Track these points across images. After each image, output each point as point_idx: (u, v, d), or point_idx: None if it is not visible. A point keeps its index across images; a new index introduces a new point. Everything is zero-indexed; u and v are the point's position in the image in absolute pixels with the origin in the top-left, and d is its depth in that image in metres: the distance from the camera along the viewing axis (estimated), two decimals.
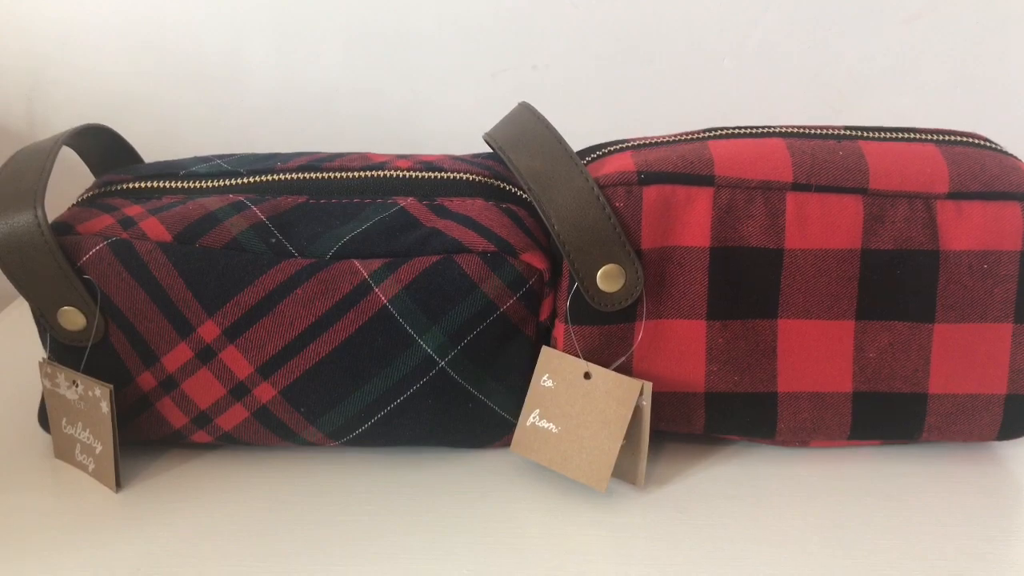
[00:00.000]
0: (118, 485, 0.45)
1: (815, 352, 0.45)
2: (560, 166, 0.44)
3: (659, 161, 0.44)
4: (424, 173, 0.48)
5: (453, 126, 0.68)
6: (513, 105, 0.49)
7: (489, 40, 0.67)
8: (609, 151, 0.47)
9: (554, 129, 0.45)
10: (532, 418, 0.45)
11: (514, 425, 0.46)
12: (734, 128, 0.47)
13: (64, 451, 0.47)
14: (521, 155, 0.45)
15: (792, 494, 0.45)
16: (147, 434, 0.47)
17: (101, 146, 0.53)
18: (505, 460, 0.47)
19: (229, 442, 0.47)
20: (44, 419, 0.48)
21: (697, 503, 0.44)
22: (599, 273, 0.43)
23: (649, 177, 0.43)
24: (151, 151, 0.56)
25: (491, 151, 0.51)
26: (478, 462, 0.47)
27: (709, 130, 0.48)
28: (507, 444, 0.47)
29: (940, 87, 0.68)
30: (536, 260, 0.44)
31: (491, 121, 0.50)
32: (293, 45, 0.67)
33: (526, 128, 0.46)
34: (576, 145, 0.50)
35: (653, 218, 0.43)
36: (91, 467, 0.46)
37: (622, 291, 0.43)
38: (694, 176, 0.44)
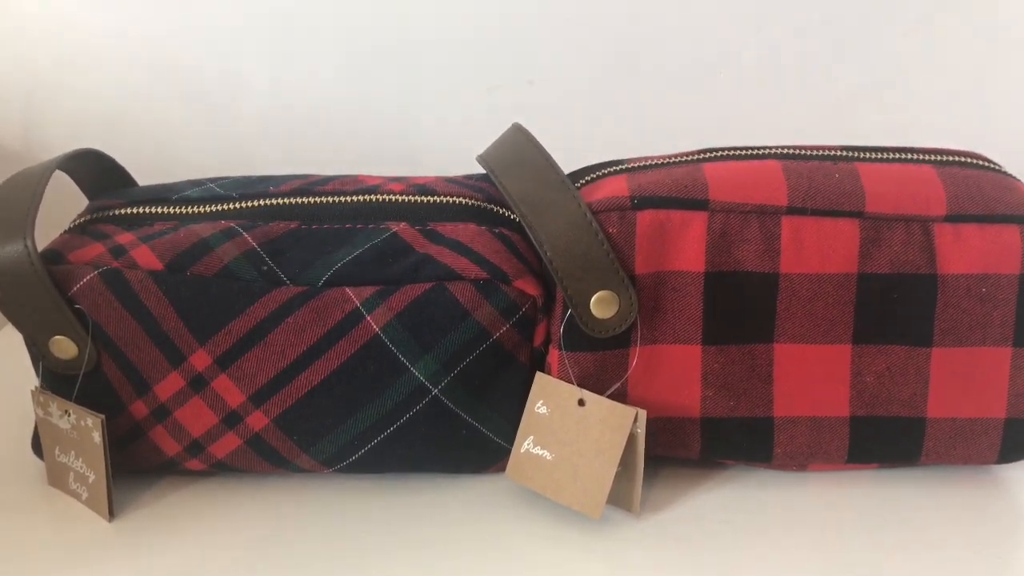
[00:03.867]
0: (111, 514, 0.45)
1: (812, 377, 0.44)
2: (552, 191, 0.43)
3: (653, 185, 0.44)
4: (416, 197, 0.47)
5: (449, 142, 0.68)
6: (510, 120, 0.49)
7: (485, 55, 0.66)
8: (602, 174, 0.47)
9: (546, 153, 0.45)
10: (526, 445, 0.45)
11: (509, 450, 0.46)
12: (729, 150, 0.47)
13: (57, 479, 0.47)
14: (513, 180, 0.44)
15: (789, 520, 0.44)
16: (140, 462, 0.46)
17: (94, 169, 0.52)
18: (500, 485, 0.47)
19: (223, 469, 0.47)
20: (38, 446, 0.47)
21: (693, 530, 0.44)
22: (593, 299, 0.43)
23: (643, 202, 0.43)
24: (146, 168, 0.56)
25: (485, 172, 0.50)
26: (473, 488, 0.47)
27: (704, 151, 0.47)
28: (502, 469, 0.46)
29: (938, 99, 0.68)
30: (529, 286, 0.44)
31: (488, 136, 0.50)
32: (288, 62, 0.67)
33: (519, 152, 0.46)
34: (572, 162, 0.50)
35: (647, 243, 0.43)
36: (84, 496, 0.46)
37: (616, 317, 0.43)
38: (688, 200, 0.43)
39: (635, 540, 0.43)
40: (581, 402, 0.44)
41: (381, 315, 0.43)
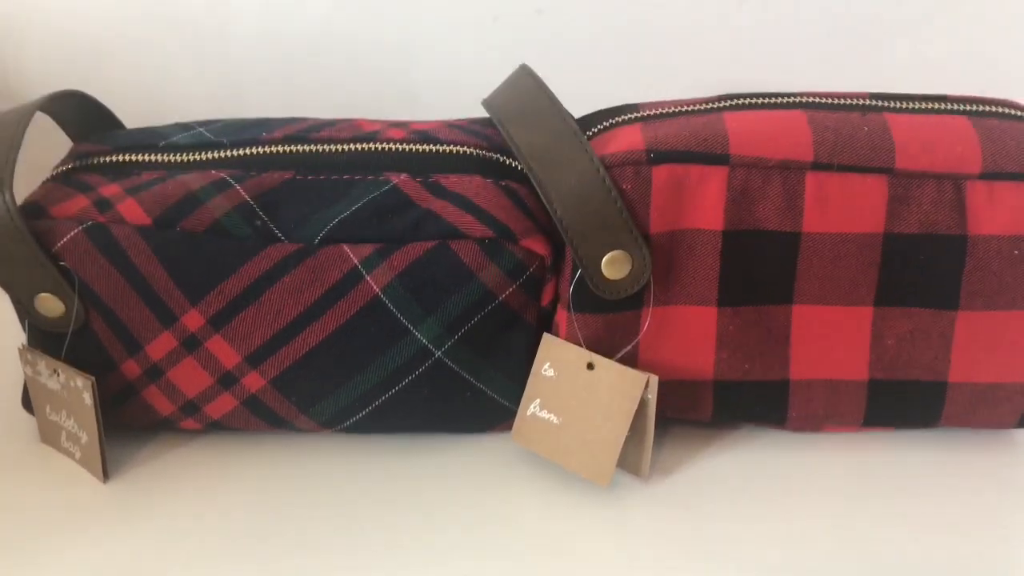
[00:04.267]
0: (105, 475, 0.44)
1: (830, 339, 0.43)
2: (563, 144, 0.41)
3: (670, 137, 0.41)
4: (418, 146, 0.45)
5: (451, 75, 0.64)
6: (515, 53, 0.46)
7: None
8: (615, 123, 0.44)
9: (557, 101, 0.42)
10: (532, 408, 0.43)
11: (514, 411, 0.44)
12: (752, 96, 0.44)
13: (50, 437, 0.46)
14: (521, 130, 0.42)
15: (801, 485, 0.43)
16: (134, 421, 0.45)
17: (78, 111, 0.49)
18: (506, 447, 0.45)
19: (219, 429, 0.46)
20: (28, 402, 0.46)
21: (702, 496, 0.43)
22: (604, 260, 0.40)
23: (659, 156, 0.40)
24: (131, 102, 0.53)
25: None
26: (478, 449, 0.46)
27: (725, 98, 0.44)
28: (508, 428, 0.45)
29: (972, 31, 0.64)
30: (537, 245, 0.42)
31: (491, 70, 0.47)
32: None
33: (527, 98, 0.43)
34: (583, 100, 0.47)
35: (663, 200, 0.41)
36: (78, 455, 0.44)
37: (628, 278, 0.41)
38: (708, 155, 0.40)
39: (643, 506, 0.42)
40: (590, 366, 0.42)
41: (381, 275, 0.41)
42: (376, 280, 0.41)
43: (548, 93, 0.43)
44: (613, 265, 0.41)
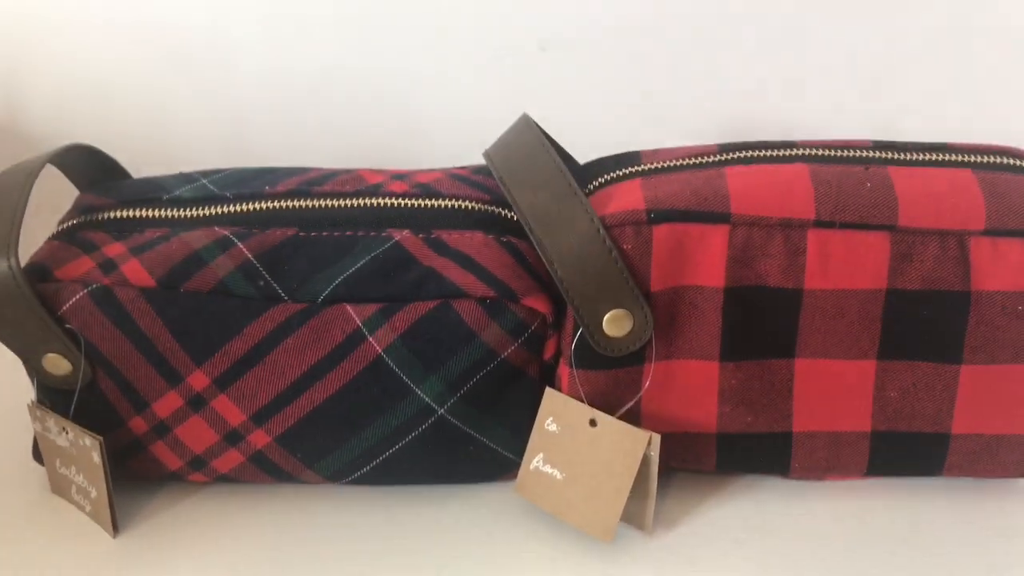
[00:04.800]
0: (116, 530, 0.44)
1: (833, 392, 0.43)
2: (563, 205, 0.41)
3: (671, 196, 0.41)
4: (420, 201, 0.45)
5: (453, 111, 0.64)
6: (517, 90, 0.45)
7: (492, 17, 0.62)
8: (615, 177, 0.44)
9: (556, 157, 0.42)
10: (536, 462, 0.43)
11: (518, 463, 0.44)
12: (753, 149, 0.44)
13: (60, 488, 0.46)
14: (521, 191, 0.42)
15: (806, 535, 0.43)
16: (143, 474, 0.46)
17: (83, 162, 0.50)
18: (509, 498, 0.46)
19: (227, 481, 0.46)
20: (38, 454, 0.46)
21: (708, 549, 0.43)
22: (605, 318, 0.41)
23: (660, 215, 0.40)
24: (135, 138, 0.53)
25: None
26: (482, 501, 0.46)
27: (728, 148, 0.44)
28: (513, 477, 0.45)
29: (983, 63, 0.63)
30: (539, 303, 0.42)
31: (495, 107, 0.47)
32: (281, 24, 0.63)
33: (527, 154, 0.43)
34: (585, 140, 0.47)
35: (664, 258, 0.41)
36: (88, 508, 0.45)
37: (629, 336, 0.41)
38: (709, 214, 0.40)
39: (647, 561, 0.42)
40: (593, 422, 0.42)
41: (384, 335, 0.41)
42: (379, 341, 0.41)
43: (548, 149, 0.43)
44: (614, 323, 0.41)
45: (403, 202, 0.45)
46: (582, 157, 0.47)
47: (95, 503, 0.44)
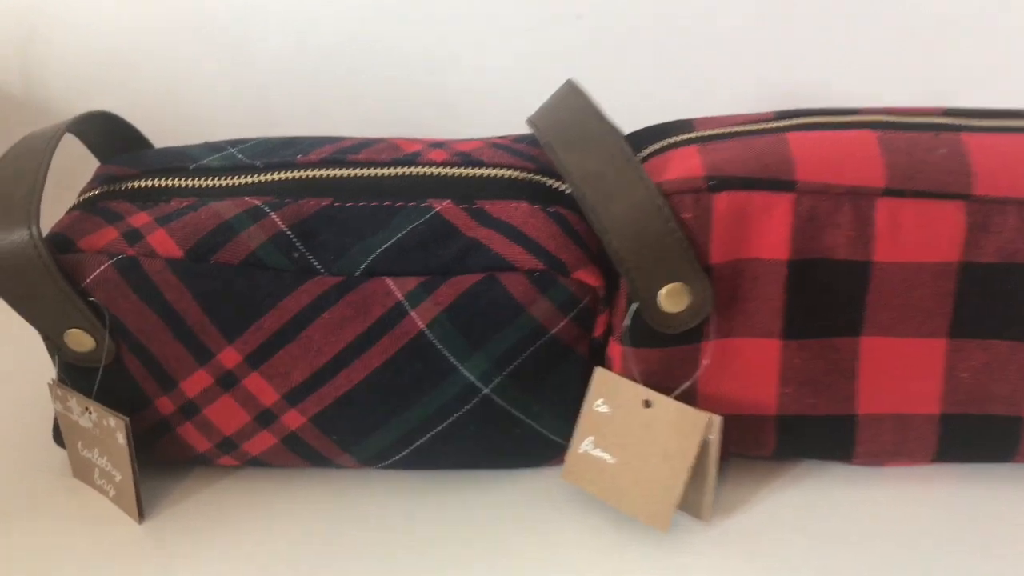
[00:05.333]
0: (141, 516, 0.42)
1: (900, 372, 0.40)
2: (617, 171, 0.38)
3: (731, 163, 0.38)
4: (461, 169, 0.42)
5: (488, 84, 0.62)
6: (554, 62, 0.43)
7: None
8: (671, 143, 0.41)
9: (609, 121, 0.40)
10: (585, 445, 0.41)
11: (565, 447, 0.42)
12: (817, 114, 0.41)
13: (82, 472, 0.44)
14: (572, 155, 0.39)
15: (868, 525, 0.41)
16: (169, 457, 0.43)
17: (104, 130, 0.47)
18: (554, 485, 0.43)
19: (258, 465, 0.44)
20: (59, 436, 0.44)
21: (767, 539, 0.40)
22: (662, 293, 0.38)
23: (720, 182, 0.38)
24: (155, 108, 0.51)
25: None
26: (525, 487, 0.43)
27: (787, 115, 0.42)
28: (560, 463, 0.43)
29: None
30: (590, 277, 0.39)
31: (531, 78, 0.44)
32: None
33: (576, 119, 0.41)
34: (628, 114, 0.44)
35: (724, 229, 0.38)
36: (111, 493, 0.43)
37: (688, 311, 0.39)
38: (772, 181, 0.38)
39: (704, 552, 0.40)
40: (647, 403, 0.40)
41: (427, 310, 0.39)
42: (421, 316, 0.39)
43: (599, 113, 0.40)
44: (672, 298, 0.38)
45: (443, 171, 0.42)
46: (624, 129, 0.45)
47: (119, 487, 0.42)
